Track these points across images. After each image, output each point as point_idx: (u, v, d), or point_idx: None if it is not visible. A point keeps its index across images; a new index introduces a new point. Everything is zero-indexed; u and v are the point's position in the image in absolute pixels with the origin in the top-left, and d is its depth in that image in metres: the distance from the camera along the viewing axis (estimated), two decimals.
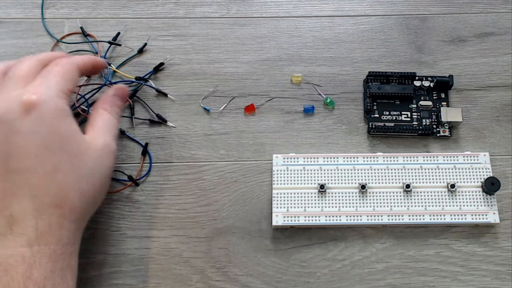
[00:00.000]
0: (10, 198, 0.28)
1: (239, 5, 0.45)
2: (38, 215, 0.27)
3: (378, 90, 0.40)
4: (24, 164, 0.28)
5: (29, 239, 0.27)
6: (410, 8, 0.45)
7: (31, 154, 0.28)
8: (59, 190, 0.29)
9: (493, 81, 0.41)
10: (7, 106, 0.29)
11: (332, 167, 0.37)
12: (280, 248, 0.36)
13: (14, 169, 0.28)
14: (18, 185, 0.28)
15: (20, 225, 0.27)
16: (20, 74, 0.31)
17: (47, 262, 0.27)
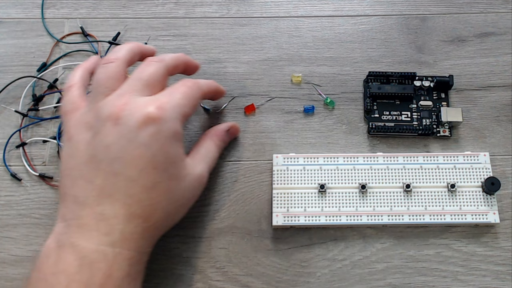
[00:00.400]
0: (105, 198, 0.29)
1: (239, 5, 0.45)
2: (126, 222, 0.29)
3: (378, 90, 0.40)
4: (128, 173, 0.29)
5: (113, 240, 0.28)
6: (410, 8, 0.45)
7: (138, 166, 0.29)
8: (150, 206, 0.30)
9: (493, 81, 0.41)
10: (131, 110, 0.29)
11: (332, 167, 0.37)
12: (280, 248, 0.36)
13: (117, 173, 0.29)
14: (116, 189, 0.29)
15: (108, 225, 0.28)
16: (149, 79, 0.31)
17: (126, 265, 0.28)
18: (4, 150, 0.40)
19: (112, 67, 0.32)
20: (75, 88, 0.34)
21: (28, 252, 0.37)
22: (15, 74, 0.42)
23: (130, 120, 0.29)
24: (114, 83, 0.31)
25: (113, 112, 0.29)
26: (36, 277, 0.28)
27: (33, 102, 0.41)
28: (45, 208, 0.38)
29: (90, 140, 0.30)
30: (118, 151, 0.29)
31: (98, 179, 0.29)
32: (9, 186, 0.39)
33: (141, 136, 0.29)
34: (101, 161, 0.29)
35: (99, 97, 0.31)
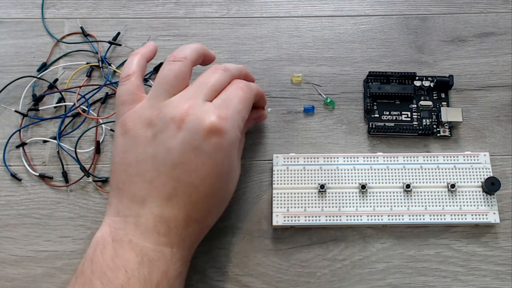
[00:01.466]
0: (165, 200, 0.29)
1: (239, 5, 0.45)
2: (185, 225, 0.29)
3: (378, 90, 0.40)
4: (190, 180, 0.29)
5: (172, 242, 0.29)
6: (410, 8, 0.45)
7: (201, 174, 0.29)
8: (208, 210, 0.31)
9: (493, 81, 0.41)
10: (196, 116, 0.29)
11: (332, 167, 0.37)
12: (280, 248, 0.36)
13: (178, 178, 0.29)
14: (176, 193, 0.29)
15: (167, 227, 0.29)
16: (214, 86, 0.31)
17: (180, 264, 0.30)
18: (4, 150, 0.40)
19: (180, 66, 0.31)
20: (134, 77, 0.32)
21: (28, 252, 0.37)
22: (15, 74, 0.42)
23: (194, 127, 0.28)
24: (181, 83, 0.31)
25: (178, 114, 0.29)
26: (91, 269, 0.28)
27: (33, 102, 0.41)
28: (45, 208, 0.38)
29: (151, 139, 0.30)
30: (180, 156, 0.29)
31: (157, 181, 0.29)
32: (9, 186, 0.39)
33: (205, 145, 0.28)
34: (162, 163, 0.29)
35: (163, 95, 0.30)
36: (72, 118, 0.41)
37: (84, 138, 0.40)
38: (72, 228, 0.37)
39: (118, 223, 0.29)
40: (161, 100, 0.30)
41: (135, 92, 0.32)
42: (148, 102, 0.31)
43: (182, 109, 0.29)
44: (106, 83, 0.41)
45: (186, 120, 0.29)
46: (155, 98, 0.31)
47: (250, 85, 0.33)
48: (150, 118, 0.30)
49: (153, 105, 0.30)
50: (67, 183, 0.39)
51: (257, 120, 0.38)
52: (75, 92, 0.41)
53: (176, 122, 0.29)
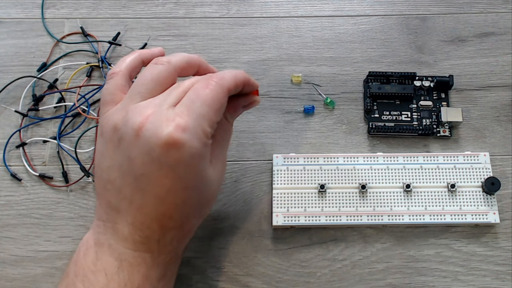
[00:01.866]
0: (136, 210, 0.28)
1: (239, 5, 0.45)
2: (161, 233, 0.28)
3: (378, 90, 0.40)
4: (155, 191, 0.27)
5: (150, 248, 0.28)
6: (410, 8, 0.45)
7: (165, 186, 0.27)
8: (183, 217, 0.29)
9: (493, 81, 0.41)
10: (154, 124, 0.27)
11: (332, 167, 0.37)
12: (280, 248, 0.36)
13: (144, 189, 0.28)
14: (145, 205, 0.28)
15: (143, 235, 0.28)
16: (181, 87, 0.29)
17: (163, 267, 0.29)
18: (4, 150, 0.40)
19: (160, 70, 0.29)
20: (118, 77, 0.30)
21: (28, 252, 0.37)
22: (15, 74, 0.42)
23: (151, 138, 0.26)
24: (157, 87, 0.29)
25: (138, 121, 0.27)
26: (74, 271, 0.28)
27: (33, 102, 0.41)
28: (45, 208, 0.38)
29: (117, 144, 0.28)
30: (142, 167, 0.27)
31: (125, 191, 0.28)
32: (9, 186, 0.39)
33: (165, 158, 0.26)
34: (127, 173, 0.28)
35: (135, 98, 0.28)
36: (72, 118, 0.41)
37: (84, 138, 0.40)
38: (72, 228, 0.37)
39: (100, 227, 0.29)
40: (132, 102, 0.28)
41: (115, 92, 0.30)
42: (121, 104, 0.29)
43: (143, 116, 0.27)
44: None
45: (144, 128, 0.27)
46: (127, 100, 0.29)
47: (222, 79, 0.29)
48: (116, 122, 0.28)
49: (123, 108, 0.29)
50: (67, 183, 0.39)
51: (247, 107, 0.34)
52: (75, 92, 0.41)
53: (135, 130, 0.27)
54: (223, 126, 0.31)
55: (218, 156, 0.31)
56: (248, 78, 0.32)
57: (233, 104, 0.32)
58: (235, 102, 0.32)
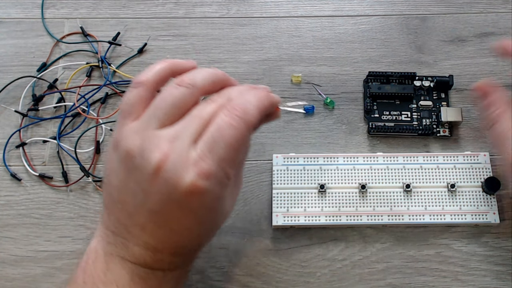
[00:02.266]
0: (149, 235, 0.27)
1: (239, 5, 0.45)
2: (172, 256, 0.28)
3: (378, 90, 0.40)
4: (170, 227, 0.27)
5: (161, 267, 0.28)
6: (410, 8, 0.45)
7: (182, 225, 0.27)
8: (196, 245, 0.30)
9: (493, 81, 0.41)
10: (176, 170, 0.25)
11: (332, 167, 0.37)
12: (280, 248, 0.36)
13: (159, 224, 0.27)
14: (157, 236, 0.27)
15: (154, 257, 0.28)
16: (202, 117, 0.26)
17: (174, 281, 0.29)
18: (4, 150, 0.40)
19: (183, 94, 0.27)
20: (143, 89, 0.28)
21: (28, 252, 0.37)
22: (15, 74, 0.42)
23: (172, 182, 0.25)
24: (176, 113, 0.27)
25: (156, 158, 0.25)
26: (83, 278, 0.28)
27: (33, 102, 0.41)
28: (45, 208, 0.38)
29: (130, 170, 0.26)
30: (159, 205, 0.26)
31: (139, 218, 0.27)
32: (9, 186, 0.39)
33: (186, 202, 0.26)
34: (141, 205, 0.26)
35: (154, 123, 0.26)
36: (72, 118, 0.41)
37: (84, 138, 0.40)
38: (72, 228, 0.37)
39: (109, 237, 0.28)
40: (150, 128, 0.26)
41: (136, 105, 0.28)
42: (138, 125, 0.27)
43: (162, 152, 0.25)
44: (106, 83, 0.41)
45: (164, 169, 0.25)
46: (145, 123, 0.27)
47: (245, 113, 0.27)
48: (131, 147, 0.26)
49: (138, 131, 0.26)
50: (67, 183, 0.39)
51: (267, 121, 0.31)
52: (75, 92, 0.41)
53: (153, 168, 0.25)
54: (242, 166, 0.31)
55: (236, 178, 0.30)
56: (271, 101, 0.30)
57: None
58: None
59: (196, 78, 0.28)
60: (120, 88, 0.42)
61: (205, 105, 0.27)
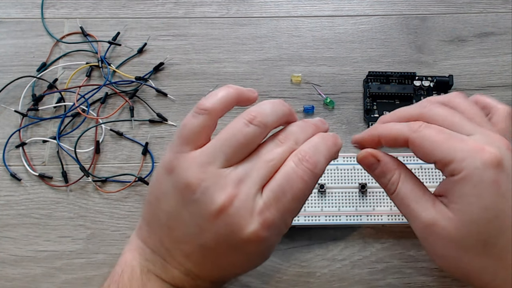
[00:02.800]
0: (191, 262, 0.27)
1: (239, 5, 0.45)
2: (210, 284, 0.28)
3: (378, 90, 0.40)
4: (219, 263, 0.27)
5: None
6: (410, 8, 0.45)
7: (233, 264, 0.27)
8: (233, 275, 0.30)
9: (493, 81, 0.41)
10: (240, 217, 0.25)
11: (332, 167, 0.37)
12: (280, 248, 0.36)
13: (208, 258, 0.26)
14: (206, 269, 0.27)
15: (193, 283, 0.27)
16: (272, 164, 0.26)
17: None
18: (4, 150, 0.40)
19: (255, 133, 0.26)
20: (209, 117, 0.26)
21: (28, 252, 0.37)
22: (15, 74, 0.42)
23: (233, 227, 0.25)
24: (244, 152, 0.26)
25: (220, 201, 0.25)
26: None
27: (32, 102, 0.41)
28: (44, 208, 0.38)
29: (186, 202, 0.26)
30: (213, 243, 0.25)
31: (185, 247, 0.26)
32: (9, 186, 0.39)
33: (242, 247, 0.25)
34: (193, 237, 0.26)
35: (220, 160, 0.25)
36: (72, 118, 0.41)
37: (83, 138, 0.40)
38: (71, 228, 0.37)
39: (148, 255, 0.28)
40: (215, 165, 0.25)
41: (200, 133, 0.26)
42: (200, 157, 0.26)
43: (226, 195, 0.25)
44: (106, 83, 0.41)
45: (227, 212, 0.25)
46: (210, 158, 0.26)
47: (316, 166, 0.26)
48: (192, 181, 0.25)
49: (202, 165, 0.25)
50: (66, 183, 0.39)
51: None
52: (74, 92, 0.41)
53: (216, 207, 0.25)
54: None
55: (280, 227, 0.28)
56: (339, 148, 0.29)
57: None
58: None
59: (267, 116, 0.27)
60: (120, 88, 0.42)
61: (274, 147, 0.26)
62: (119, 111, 0.41)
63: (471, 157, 0.24)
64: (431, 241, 0.26)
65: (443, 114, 0.27)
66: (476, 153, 0.24)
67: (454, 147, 0.25)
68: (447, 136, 0.26)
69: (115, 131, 0.40)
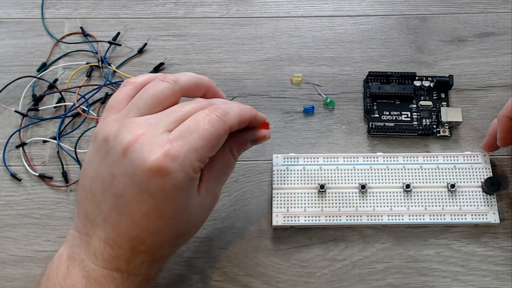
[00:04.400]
0: (110, 227, 0.27)
1: (239, 5, 0.45)
2: (131, 255, 0.28)
3: (378, 90, 0.40)
4: (131, 213, 0.27)
5: (119, 268, 0.28)
6: (410, 8, 0.45)
7: (141, 210, 0.27)
8: (155, 244, 0.28)
9: (493, 81, 0.41)
10: (143, 147, 0.26)
11: (332, 167, 0.37)
12: (280, 248, 0.36)
13: (119, 210, 0.27)
14: (119, 225, 0.27)
15: (114, 253, 0.27)
16: (182, 111, 0.28)
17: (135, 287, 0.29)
18: (4, 150, 0.40)
19: (164, 87, 0.28)
20: (130, 87, 0.30)
21: (28, 252, 0.37)
22: (15, 74, 0.42)
23: (137, 160, 0.26)
24: (156, 104, 0.28)
25: (128, 139, 0.26)
26: (45, 285, 0.28)
27: (33, 102, 0.41)
28: (44, 208, 0.38)
29: (104, 156, 0.27)
30: (122, 187, 0.26)
31: (104, 206, 0.27)
32: (9, 186, 0.39)
33: (146, 184, 0.26)
34: (107, 189, 0.27)
35: (133, 112, 0.28)
36: (72, 118, 0.41)
37: (84, 138, 0.40)
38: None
39: (75, 239, 0.28)
40: (129, 116, 0.28)
41: (120, 101, 0.29)
42: (118, 115, 0.28)
43: (134, 135, 0.26)
44: (106, 83, 0.41)
45: (132, 148, 0.26)
46: (125, 112, 0.28)
47: (225, 115, 0.28)
48: (108, 133, 0.27)
49: (118, 120, 0.28)
50: (67, 183, 0.39)
51: (257, 142, 0.32)
52: (75, 92, 0.41)
53: (123, 148, 0.26)
54: (225, 159, 0.30)
55: (210, 189, 0.29)
56: (254, 114, 0.30)
57: (241, 138, 0.31)
58: (243, 136, 0.31)
59: (180, 77, 0.29)
60: None
61: (187, 103, 0.28)
62: None
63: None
64: None
65: None
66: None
67: None
68: None
69: None
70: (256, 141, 0.32)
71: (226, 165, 0.30)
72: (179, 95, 0.29)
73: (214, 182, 0.29)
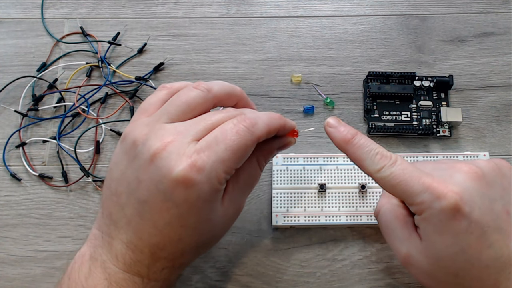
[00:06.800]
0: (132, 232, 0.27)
1: (239, 5, 0.45)
2: (152, 260, 0.28)
3: (378, 90, 0.40)
4: (153, 220, 0.27)
5: (140, 272, 0.28)
6: (410, 8, 0.45)
7: (164, 218, 0.27)
8: (176, 252, 0.28)
9: (493, 81, 0.41)
10: (171, 159, 0.26)
11: (332, 167, 0.37)
12: (280, 248, 0.36)
13: (143, 215, 0.27)
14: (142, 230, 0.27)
15: (134, 258, 0.27)
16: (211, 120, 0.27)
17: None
18: (4, 150, 0.40)
19: (197, 95, 0.28)
20: (165, 92, 0.30)
21: (28, 252, 0.37)
22: (15, 74, 0.42)
23: (163, 169, 0.26)
24: (187, 112, 0.28)
25: (156, 146, 0.26)
26: (67, 284, 0.28)
27: (32, 102, 0.41)
28: (44, 208, 0.38)
29: (131, 160, 0.27)
30: (147, 194, 0.26)
31: (128, 209, 0.27)
32: (9, 186, 0.39)
33: (171, 193, 0.26)
34: (132, 194, 0.27)
35: (164, 118, 0.28)
36: (72, 118, 0.41)
37: (83, 138, 0.40)
38: (71, 228, 0.37)
39: (97, 239, 0.28)
40: (159, 122, 0.28)
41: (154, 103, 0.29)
42: (148, 119, 0.28)
43: (163, 142, 0.26)
44: (106, 83, 0.41)
45: (160, 156, 0.26)
46: (155, 116, 0.28)
47: (253, 126, 0.27)
48: (137, 137, 0.27)
49: (148, 124, 0.28)
50: (67, 183, 0.39)
51: (282, 148, 0.32)
52: (74, 92, 0.41)
53: (151, 154, 0.26)
54: (251, 171, 0.30)
55: (234, 200, 0.29)
56: (283, 123, 0.30)
57: (268, 147, 0.31)
58: (271, 145, 0.31)
59: (213, 86, 0.29)
60: (120, 88, 0.42)
61: (217, 112, 0.28)
62: (119, 111, 0.41)
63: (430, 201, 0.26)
64: (410, 270, 0.29)
65: None
66: (436, 198, 0.26)
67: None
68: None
69: (115, 131, 0.40)
70: (282, 147, 0.32)
71: (252, 176, 0.30)
72: (211, 104, 0.29)
73: (238, 193, 0.29)
